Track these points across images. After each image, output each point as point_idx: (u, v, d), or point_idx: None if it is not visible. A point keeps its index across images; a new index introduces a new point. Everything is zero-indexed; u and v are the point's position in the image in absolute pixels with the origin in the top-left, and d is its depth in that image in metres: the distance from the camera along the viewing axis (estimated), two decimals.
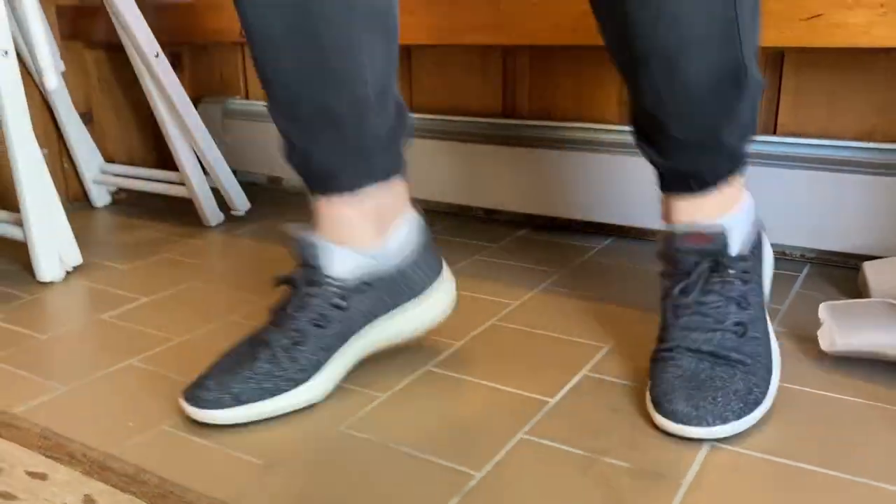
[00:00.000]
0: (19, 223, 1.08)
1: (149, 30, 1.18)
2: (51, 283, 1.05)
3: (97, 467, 0.62)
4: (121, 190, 1.50)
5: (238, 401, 0.68)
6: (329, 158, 0.71)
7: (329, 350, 0.71)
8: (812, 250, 1.06)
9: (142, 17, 1.17)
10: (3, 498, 0.58)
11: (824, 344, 0.78)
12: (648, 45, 0.64)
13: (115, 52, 1.50)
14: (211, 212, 1.30)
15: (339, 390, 0.74)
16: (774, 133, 1.08)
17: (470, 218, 1.31)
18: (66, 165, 1.44)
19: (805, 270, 1.04)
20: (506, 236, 1.22)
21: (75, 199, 1.45)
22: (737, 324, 0.70)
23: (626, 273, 1.05)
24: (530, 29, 0.97)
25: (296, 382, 0.70)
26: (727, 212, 0.72)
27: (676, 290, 0.71)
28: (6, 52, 0.98)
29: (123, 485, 0.59)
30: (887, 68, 0.99)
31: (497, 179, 1.24)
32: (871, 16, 0.76)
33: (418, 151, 1.30)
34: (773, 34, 0.81)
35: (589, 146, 1.16)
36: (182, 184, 1.32)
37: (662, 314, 0.73)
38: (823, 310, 0.79)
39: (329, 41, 0.66)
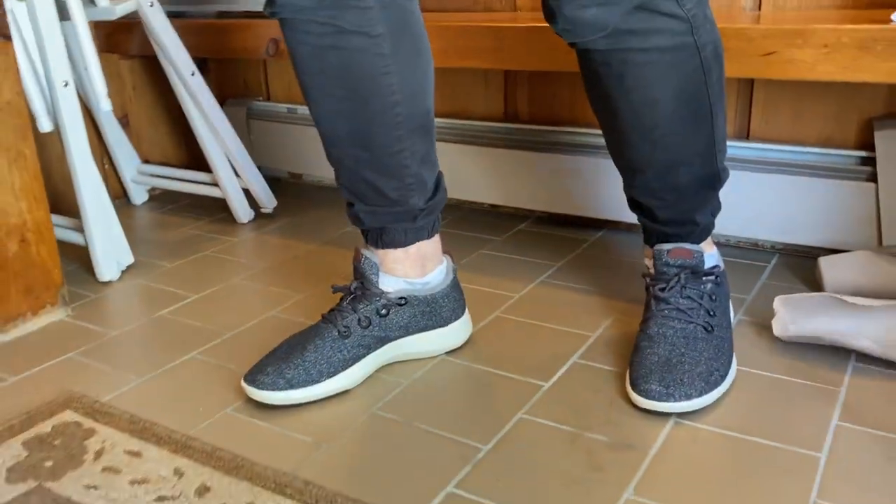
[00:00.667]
0: (79, 228, 1.23)
1: (184, 49, 1.31)
2: (109, 282, 1.20)
3: (181, 446, 0.77)
4: (156, 188, 1.64)
5: (290, 385, 0.83)
6: (383, 223, 0.90)
7: (368, 348, 0.87)
8: (780, 243, 1.20)
9: (177, 37, 1.30)
10: (111, 472, 0.74)
11: (777, 331, 0.92)
12: (645, 162, 0.83)
13: (149, 60, 1.63)
14: (242, 210, 1.45)
15: (368, 379, 0.89)
16: (747, 139, 1.21)
17: (476, 212, 1.45)
18: (106, 166, 1.58)
19: (774, 260, 1.18)
20: (509, 229, 1.36)
21: (116, 197, 1.59)
22: (706, 322, 0.85)
23: (615, 264, 1.19)
24: (527, 55, 1.10)
25: (337, 371, 0.85)
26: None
27: (657, 289, 0.87)
28: (66, 84, 1.12)
29: (204, 459, 0.75)
30: (842, 84, 1.11)
31: (501, 178, 1.38)
32: (816, 54, 0.89)
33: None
34: (736, 67, 0.94)
35: (583, 148, 1.30)
36: (214, 184, 1.46)
37: (645, 310, 0.88)
38: (778, 301, 0.93)
39: (380, 143, 0.85)
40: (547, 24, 0.78)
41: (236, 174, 1.44)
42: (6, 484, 0.73)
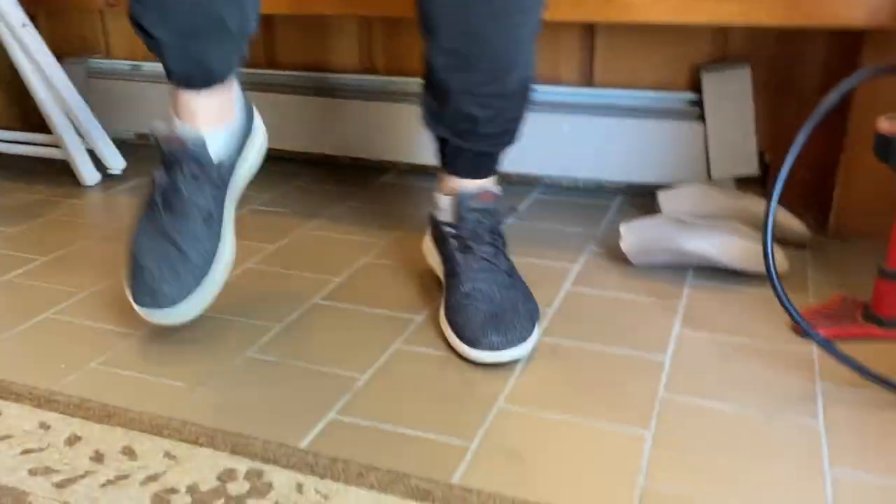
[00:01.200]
0: None
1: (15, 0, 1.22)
2: None
3: (43, 401, 0.74)
4: None
5: (185, 295, 0.80)
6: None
7: (222, 212, 0.86)
8: (623, 182, 1.29)
9: None
10: None
11: (624, 250, 1.00)
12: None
13: None
14: (87, 172, 1.37)
15: (233, 323, 0.89)
16: (592, 85, 1.29)
17: (336, 167, 1.46)
18: None
19: (617, 200, 1.27)
20: (372, 183, 1.37)
21: None
22: (508, 268, 0.87)
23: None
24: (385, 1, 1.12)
25: (216, 260, 0.84)
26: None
27: (463, 240, 0.87)
28: None
29: (71, 411, 0.72)
30: (674, 33, 1.21)
31: (357, 130, 1.39)
32: None
33: (285, 105, 1.42)
34: (578, 11, 1.00)
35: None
36: (52, 145, 1.37)
37: (448, 260, 0.89)
38: (623, 227, 1.01)
39: None
40: None
41: (78, 134, 1.36)
42: None
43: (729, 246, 0.97)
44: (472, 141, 0.88)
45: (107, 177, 1.41)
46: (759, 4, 0.94)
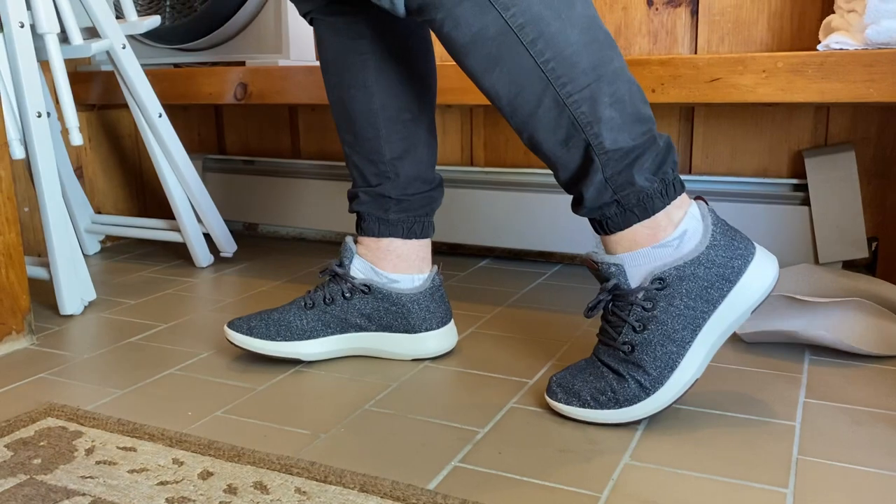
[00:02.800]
0: (41, 264, 1.21)
1: (153, 92, 1.34)
2: (72, 316, 1.18)
3: (175, 441, 0.76)
4: (107, 238, 1.63)
5: (250, 332, 0.95)
6: (363, 209, 0.97)
7: (328, 326, 0.95)
8: None
9: (146, 79, 1.33)
10: (106, 464, 0.72)
11: (737, 329, 0.99)
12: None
13: (104, 113, 1.65)
14: (202, 254, 1.45)
15: (353, 379, 0.91)
16: (690, 173, 1.31)
17: (435, 253, 1.50)
18: None
19: None
20: (470, 266, 1.40)
21: None
22: (625, 342, 0.77)
23: (576, 290, 1.25)
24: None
25: (294, 337, 0.95)
26: (624, 251, 0.78)
27: (587, 306, 0.80)
28: (39, 115, 1.13)
29: (202, 450, 0.74)
30: (773, 119, 1.24)
31: (460, 217, 1.44)
32: (756, 79, 1.00)
33: None
34: (684, 93, 1.04)
35: (538, 188, 1.38)
36: (170, 230, 1.46)
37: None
38: None
39: (359, 127, 0.95)
40: None
41: (197, 219, 1.45)
42: None
43: (846, 327, 0.94)
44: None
45: (219, 259, 1.49)
46: (868, 82, 0.96)
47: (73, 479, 0.69)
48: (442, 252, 1.51)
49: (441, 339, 0.97)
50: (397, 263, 0.96)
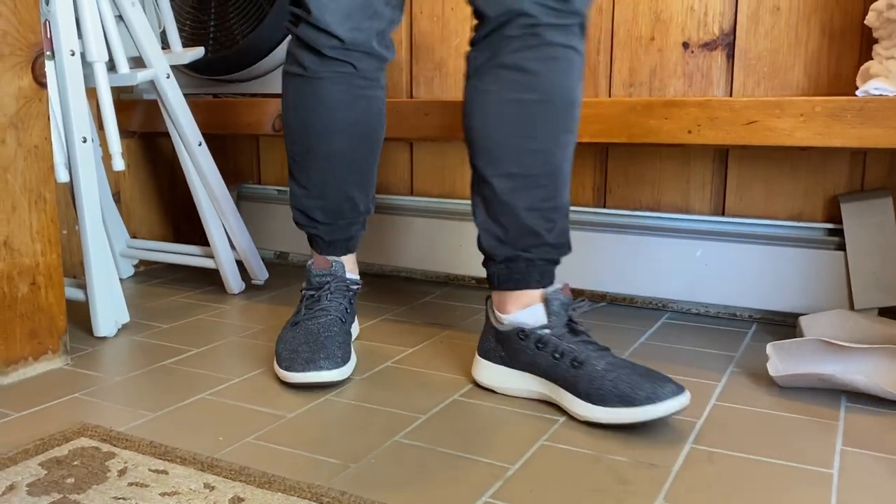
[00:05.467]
0: (77, 285, 1.23)
1: (194, 121, 1.37)
2: (105, 338, 1.19)
3: (207, 465, 0.76)
4: (141, 262, 1.65)
5: (325, 366, 0.98)
6: (352, 232, 1.12)
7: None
8: (758, 311, 1.28)
9: (188, 108, 1.36)
10: (139, 486, 0.72)
11: (772, 373, 0.98)
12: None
13: (143, 140, 1.69)
14: (234, 280, 1.46)
15: (383, 410, 0.90)
16: (723, 215, 1.31)
17: (464, 287, 1.50)
18: None
19: (753, 328, 1.25)
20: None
21: None
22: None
23: (604, 329, 1.24)
24: None
25: (350, 353, 1.04)
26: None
27: (574, 331, 0.94)
28: (85, 140, 1.16)
29: (233, 476, 0.74)
30: (808, 163, 1.23)
31: None
32: (794, 123, 1.00)
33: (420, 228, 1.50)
34: (720, 135, 1.04)
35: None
36: (202, 256, 1.48)
37: (569, 356, 0.91)
38: (770, 347, 0.99)
39: (370, 164, 1.11)
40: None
41: (231, 247, 1.47)
42: (29, 497, 0.70)
43: (882, 373, 0.93)
44: (538, 252, 0.94)
45: (250, 286, 1.50)
46: None
47: (105, 499, 0.70)
48: (469, 286, 1.51)
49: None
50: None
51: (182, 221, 1.79)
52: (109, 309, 1.20)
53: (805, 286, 1.22)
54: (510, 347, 0.94)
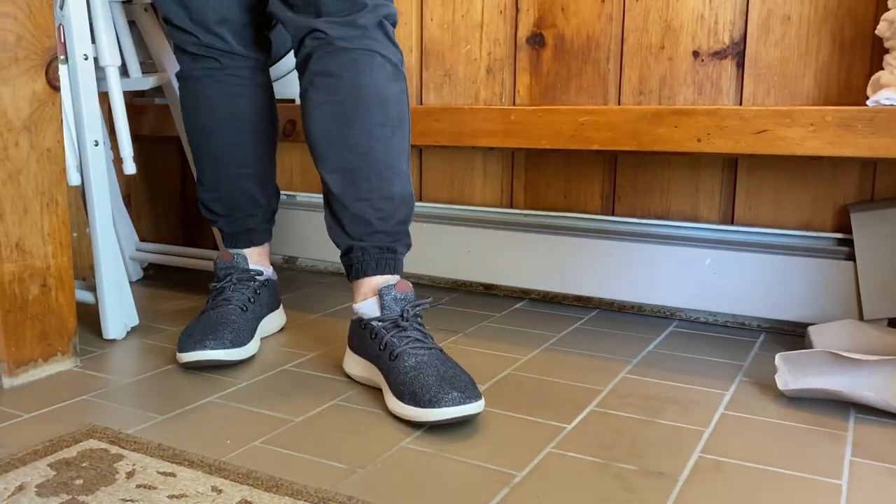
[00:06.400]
0: (87, 288, 1.23)
1: None
2: (114, 340, 1.20)
3: (215, 469, 0.77)
4: (150, 265, 1.66)
5: (223, 345, 1.07)
6: (254, 224, 1.22)
7: (257, 320, 1.18)
8: (766, 320, 1.27)
9: None
10: (146, 488, 0.73)
11: (780, 385, 0.97)
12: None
13: (154, 145, 1.70)
14: None
15: (386, 418, 0.91)
16: (732, 224, 1.31)
17: (470, 293, 1.50)
18: None
19: (761, 338, 1.24)
20: (506, 308, 1.40)
21: None
22: (440, 348, 0.96)
23: (612, 336, 1.24)
24: (534, 136, 1.20)
25: (249, 339, 1.12)
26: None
27: (390, 323, 0.98)
28: (96, 143, 1.16)
29: (240, 479, 0.74)
30: (818, 172, 1.23)
31: (497, 259, 1.44)
32: (804, 132, 1.00)
33: (427, 234, 1.50)
34: (730, 144, 1.04)
35: (577, 232, 1.38)
36: (210, 259, 1.49)
37: (388, 349, 0.96)
38: (779, 358, 0.99)
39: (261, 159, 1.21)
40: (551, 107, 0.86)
41: None
42: (37, 497, 0.71)
43: (892, 387, 0.92)
44: (371, 240, 1.02)
45: None
46: None
47: (113, 501, 0.70)
48: (477, 293, 1.51)
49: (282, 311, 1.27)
50: (267, 259, 1.26)
51: (190, 225, 1.80)
52: (119, 311, 1.20)
53: (814, 296, 1.21)
54: (356, 336, 1.02)
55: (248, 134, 1.17)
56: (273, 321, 1.23)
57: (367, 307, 1.01)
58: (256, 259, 1.21)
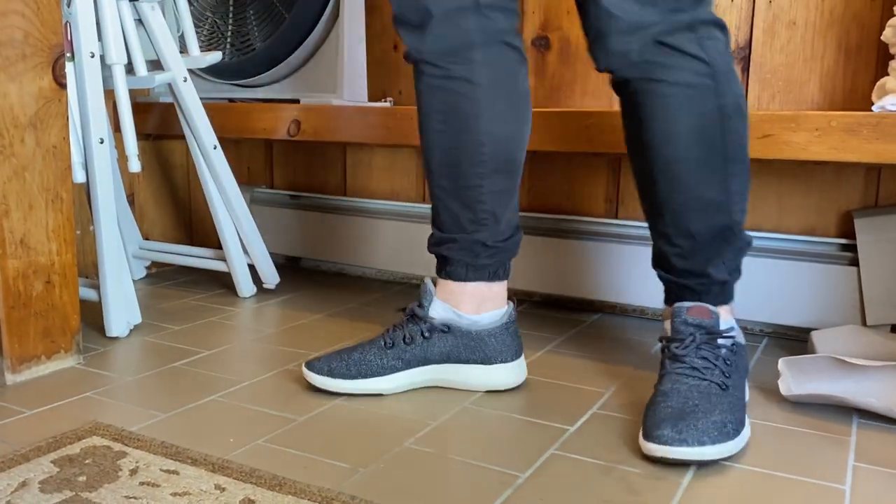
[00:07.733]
0: (90, 285, 1.24)
1: (209, 124, 1.38)
2: (117, 338, 1.20)
3: (218, 467, 0.77)
4: (153, 264, 1.66)
5: (331, 374, 0.97)
6: (450, 253, 0.99)
7: (407, 364, 0.98)
8: (769, 325, 1.27)
9: (205, 113, 1.37)
10: (150, 486, 0.73)
11: (783, 390, 0.97)
12: (662, 203, 0.92)
13: (158, 143, 1.70)
14: (245, 284, 1.47)
15: (394, 416, 0.91)
16: None
17: None
18: None
19: (764, 342, 1.24)
20: None
21: None
22: (721, 381, 0.87)
23: (616, 340, 1.24)
24: (539, 138, 1.20)
25: (373, 374, 0.97)
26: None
27: (673, 347, 0.90)
28: (101, 141, 1.16)
29: (243, 478, 0.74)
30: (822, 178, 1.23)
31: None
32: (809, 137, 1.00)
33: None
34: None
35: (580, 235, 1.38)
36: (214, 258, 1.49)
37: (660, 369, 0.91)
38: (782, 363, 0.99)
39: (462, 175, 0.96)
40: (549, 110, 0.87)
41: (243, 250, 1.48)
42: (41, 493, 0.71)
43: (895, 394, 0.92)
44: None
45: (261, 290, 1.51)
46: None
47: (117, 498, 0.70)
48: None
49: (513, 371, 1.00)
50: (480, 305, 1.00)
51: (195, 224, 1.80)
52: (122, 309, 1.21)
53: (817, 301, 1.21)
54: None
55: None
56: None
57: (666, 327, 0.96)
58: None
